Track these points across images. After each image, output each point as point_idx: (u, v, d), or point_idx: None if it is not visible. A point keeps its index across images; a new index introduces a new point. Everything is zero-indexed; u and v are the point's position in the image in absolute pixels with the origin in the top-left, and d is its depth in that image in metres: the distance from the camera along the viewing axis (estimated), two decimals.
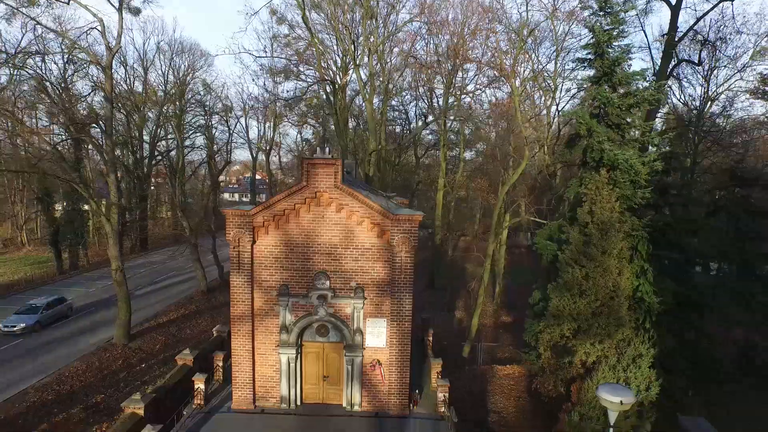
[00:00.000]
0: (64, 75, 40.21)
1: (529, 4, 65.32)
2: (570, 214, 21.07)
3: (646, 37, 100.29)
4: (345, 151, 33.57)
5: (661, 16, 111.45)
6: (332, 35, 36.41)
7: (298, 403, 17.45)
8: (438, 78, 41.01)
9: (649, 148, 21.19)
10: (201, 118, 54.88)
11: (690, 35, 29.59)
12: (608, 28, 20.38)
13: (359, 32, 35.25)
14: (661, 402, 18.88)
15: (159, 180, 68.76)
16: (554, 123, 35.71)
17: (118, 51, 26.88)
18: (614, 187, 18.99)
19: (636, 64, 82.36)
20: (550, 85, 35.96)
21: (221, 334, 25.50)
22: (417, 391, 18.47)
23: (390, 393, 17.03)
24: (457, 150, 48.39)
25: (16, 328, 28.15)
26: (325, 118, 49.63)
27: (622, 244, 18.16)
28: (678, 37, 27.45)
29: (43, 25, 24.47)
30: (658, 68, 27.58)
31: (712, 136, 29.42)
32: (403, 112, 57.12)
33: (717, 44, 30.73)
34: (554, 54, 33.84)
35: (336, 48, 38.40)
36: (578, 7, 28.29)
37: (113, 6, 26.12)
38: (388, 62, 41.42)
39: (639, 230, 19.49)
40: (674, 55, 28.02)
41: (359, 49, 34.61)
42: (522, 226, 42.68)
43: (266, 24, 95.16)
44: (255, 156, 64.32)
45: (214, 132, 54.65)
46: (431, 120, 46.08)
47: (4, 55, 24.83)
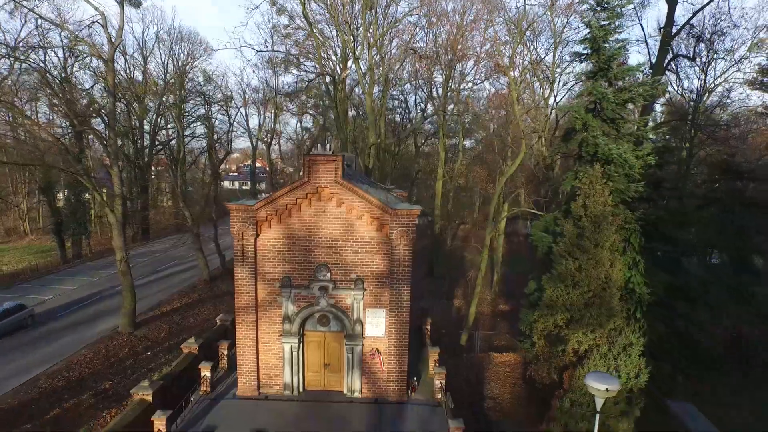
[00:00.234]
0: (64, 66, 40.43)
1: None
2: (565, 207, 21.55)
3: (644, 30, 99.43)
4: (345, 142, 33.90)
5: (659, 10, 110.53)
6: (332, 26, 36.55)
7: (301, 390, 18.11)
8: (437, 67, 41.24)
9: (644, 142, 21.56)
10: (201, 107, 55.01)
11: (686, 29, 29.87)
12: (604, 23, 20.64)
13: (359, 23, 35.37)
14: (650, 388, 19.62)
15: (159, 168, 68.99)
16: (552, 115, 35.97)
17: (119, 44, 27.11)
18: (608, 181, 19.44)
19: (633, 58, 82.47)
20: (549, 76, 36.18)
21: (225, 323, 26.06)
22: (415, 379, 19.14)
23: (389, 380, 17.68)
24: (457, 139, 48.63)
25: None
26: (325, 107, 49.80)
27: (614, 237, 18.69)
28: (674, 31, 27.69)
29: (45, 18, 24.66)
30: (654, 62, 27.88)
31: (708, 128, 29.75)
32: (403, 101, 57.30)
33: (714, 37, 30.96)
34: (552, 46, 34.04)
35: (336, 38, 38.54)
36: (576, 0, 28.45)
37: None
38: (387, 52, 41.58)
39: (632, 223, 20.01)
40: (670, 49, 28.25)
41: (359, 42, 34.77)
42: (521, 214, 43.11)
43: (266, 15, 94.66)
44: (255, 145, 64.53)
45: (214, 122, 54.86)
46: (430, 114, 46.26)
47: (4, 48, 25.05)
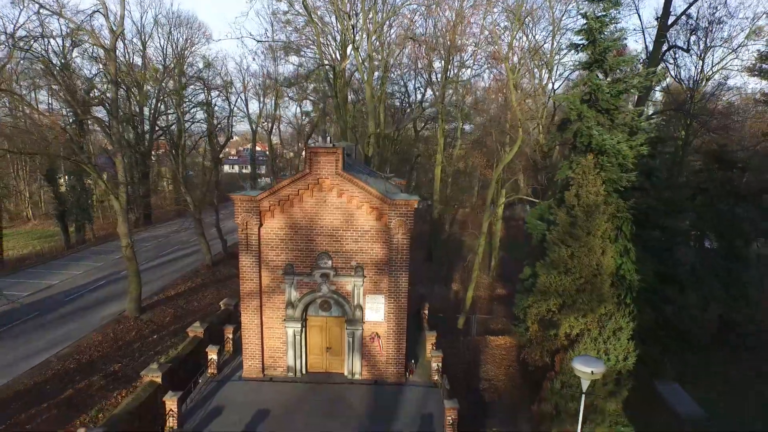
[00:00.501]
0: (63, 52, 40.45)
1: None
2: (559, 196, 22.10)
3: (641, 20, 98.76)
4: (345, 130, 34.24)
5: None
6: (331, 13, 36.59)
7: (304, 372, 18.90)
8: (436, 54, 41.32)
9: (638, 133, 22.03)
10: (201, 92, 55.09)
11: (683, 20, 30.00)
12: (601, 14, 20.93)
13: (358, 10, 35.41)
14: (638, 370, 20.45)
15: (160, 152, 69.14)
16: (549, 103, 36.24)
17: (120, 33, 27.29)
18: (601, 171, 19.98)
19: (632, 46, 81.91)
20: (547, 63, 36.34)
21: (228, 307, 26.76)
22: (413, 361, 19.93)
23: (388, 363, 18.47)
24: (456, 123, 48.81)
25: None
26: (324, 92, 49.89)
27: (606, 226, 19.29)
28: (671, 21, 27.88)
29: (46, 7, 24.80)
30: (651, 52, 28.13)
31: (703, 116, 30.07)
32: (403, 86, 57.36)
33: (710, 26, 31.10)
34: (551, 33, 34.16)
35: (335, 25, 38.56)
36: None
37: None
38: (387, 38, 41.63)
39: (624, 212, 20.60)
40: (666, 39, 28.45)
41: (358, 29, 34.86)
42: (519, 199, 43.62)
43: (266, 1, 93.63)
44: (255, 130, 64.70)
45: (214, 107, 54.99)
46: (428, 104, 46.43)
47: (4, 35, 25.23)
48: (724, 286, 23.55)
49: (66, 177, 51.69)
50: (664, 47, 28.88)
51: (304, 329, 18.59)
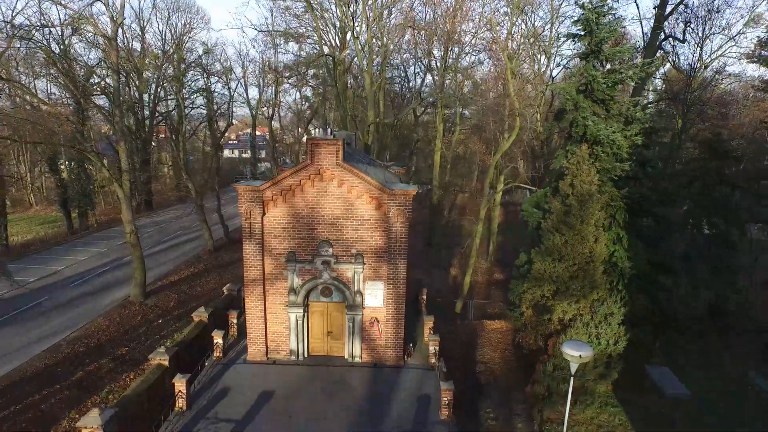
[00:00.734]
0: (62, 39, 40.35)
1: None
2: (554, 185, 22.56)
3: (638, 8, 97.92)
4: (345, 119, 34.50)
5: None
6: (331, 0, 36.56)
7: (306, 355, 19.61)
8: (436, 40, 41.34)
9: (633, 122, 22.38)
10: (200, 78, 55.09)
11: (681, 8, 30.02)
12: (597, 5, 21.13)
13: None
14: (629, 354, 21.18)
15: (161, 136, 69.24)
16: (547, 91, 36.44)
17: (122, 22, 27.42)
18: (596, 161, 20.42)
19: (630, 29, 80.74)
20: (545, 50, 36.42)
21: (231, 293, 27.39)
22: (411, 345, 20.64)
23: (386, 346, 19.16)
24: (456, 109, 48.94)
25: None
26: (324, 78, 49.92)
27: (599, 214, 19.80)
28: (668, 11, 27.95)
29: None
30: (648, 41, 28.28)
31: (699, 104, 30.32)
32: (403, 71, 57.35)
33: (709, 15, 31.13)
34: (550, 21, 34.21)
35: (335, 11, 38.53)
36: None
37: None
38: (387, 24, 41.54)
39: (617, 201, 21.10)
40: (662, 29, 28.56)
41: (358, 16, 34.88)
42: (518, 185, 43.94)
43: None
44: (254, 115, 64.79)
45: (213, 93, 55.02)
46: (427, 91, 46.49)
47: (2, 23, 25.26)
48: (714, 273, 24.16)
49: (67, 163, 51.93)
50: (661, 36, 29.04)
51: (306, 314, 19.23)
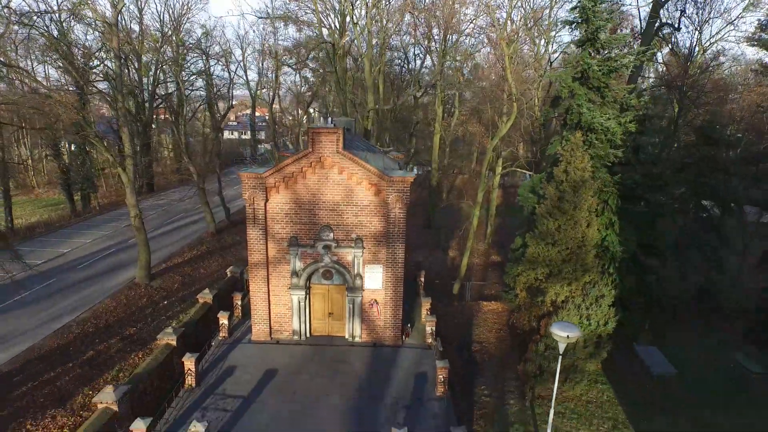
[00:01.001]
0: (60, 23, 40.29)
1: None
2: (549, 170, 23.07)
3: None
4: (344, 105, 34.75)
5: None
6: None
7: (308, 335, 20.43)
8: (436, 21, 41.27)
9: (628, 109, 22.77)
10: (200, 60, 54.94)
11: None
12: None
13: None
14: (619, 334, 22.04)
15: (161, 118, 69.21)
16: (545, 77, 36.59)
17: (122, 8, 27.51)
18: (589, 148, 20.90)
19: (627, 23, 79.18)
20: (544, 34, 36.47)
21: (235, 275, 28.11)
22: (409, 325, 21.45)
23: (385, 327, 19.96)
24: (455, 92, 49.00)
25: None
26: (324, 61, 49.88)
27: (592, 200, 20.37)
28: None
29: None
30: (645, 27, 28.39)
31: (693, 94, 30.54)
32: (402, 52, 57.24)
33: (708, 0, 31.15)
34: (549, 5, 34.18)
35: None
36: None
37: None
38: (387, 6, 41.40)
39: (610, 186, 21.66)
40: (659, 17, 28.64)
41: (357, 2, 34.84)
42: (518, 167, 44.33)
43: None
44: (254, 97, 64.76)
45: (212, 75, 54.94)
46: (426, 72, 46.48)
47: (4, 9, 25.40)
48: (703, 257, 24.87)
49: (67, 145, 52.19)
50: (657, 23, 29.12)
51: (308, 296, 19.97)
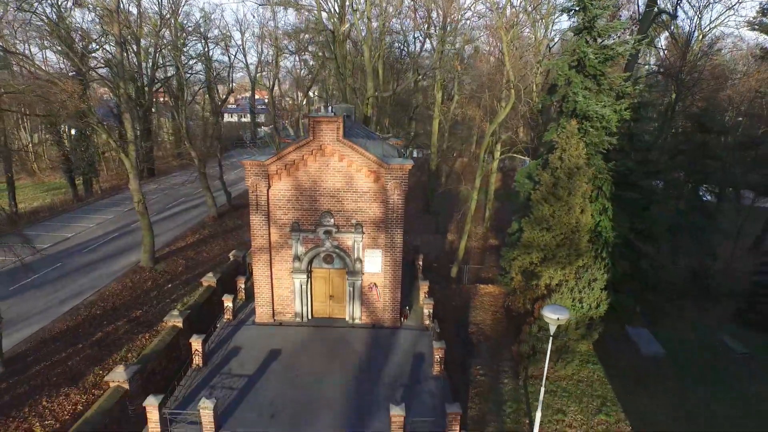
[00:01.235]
0: (58, 7, 40.13)
1: None
2: (546, 156, 23.53)
3: None
4: (344, 91, 34.96)
5: None
6: None
7: (309, 317, 21.13)
8: (435, 4, 41.21)
9: (624, 97, 23.10)
10: (199, 44, 54.82)
11: None
12: None
13: None
14: (612, 317, 22.76)
15: (160, 101, 69.08)
16: (545, 60, 36.70)
17: None
18: (584, 135, 21.33)
19: (626, 10, 78.16)
20: (543, 19, 36.49)
21: (237, 258, 28.68)
22: (407, 307, 22.15)
23: (384, 309, 20.66)
24: (454, 77, 49.06)
25: None
26: (324, 44, 49.80)
27: (586, 187, 20.88)
28: None
29: None
30: (642, 14, 28.47)
31: (693, 77, 30.74)
32: (402, 35, 57.07)
33: None
34: None
35: None
36: None
37: None
38: None
39: (604, 173, 22.14)
40: (657, 3, 28.71)
41: None
42: (517, 151, 44.59)
43: None
44: (254, 81, 64.75)
45: (211, 57, 54.82)
46: (426, 55, 46.40)
47: None
48: (694, 241, 25.49)
49: (66, 129, 52.21)
50: (655, 10, 29.20)
51: (309, 280, 20.62)
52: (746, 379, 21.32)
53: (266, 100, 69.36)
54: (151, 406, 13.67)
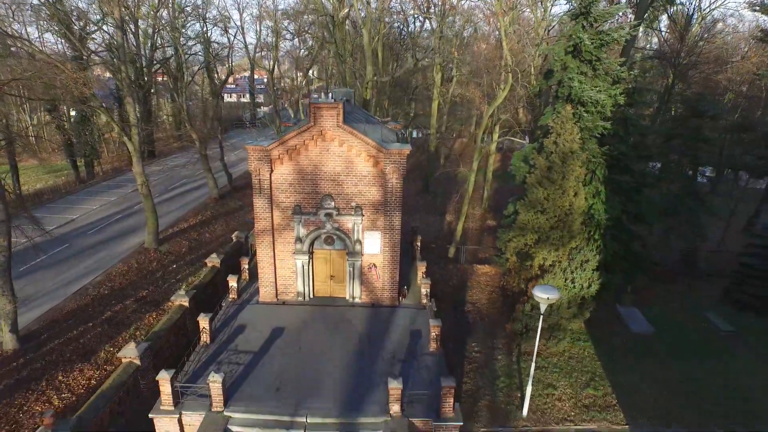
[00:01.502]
0: None
1: None
2: (541, 140, 23.99)
3: None
4: (344, 75, 35.12)
5: None
6: None
7: (311, 296, 21.90)
8: None
9: (620, 82, 23.47)
10: (198, 24, 54.52)
11: None
12: None
13: None
14: (603, 296, 23.57)
15: (159, 81, 68.86)
16: (543, 44, 36.78)
17: None
18: (579, 120, 21.77)
19: None
20: (542, 2, 36.44)
21: (240, 239, 29.38)
22: (405, 287, 22.91)
23: (383, 289, 21.41)
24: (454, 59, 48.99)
25: None
26: (323, 23, 49.59)
27: (580, 171, 21.41)
28: None
29: None
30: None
31: (692, 60, 30.91)
32: (402, 14, 56.72)
33: None
34: None
35: None
36: None
37: None
38: None
39: (598, 157, 22.66)
40: None
41: None
42: (516, 132, 44.81)
43: None
44: (253, 61, 64.39)
45: (210, 35, 54.59)
46: (426, 35, 46.22)
47: None
48: (686, 223, 26.16)
49: (66, 111, 52.33)
50: None
51: (311, 261, 21.33)
52: (730, 355, 22.25)
53: (265, 80, 69.03)
54: (164, 379, 14.48)
